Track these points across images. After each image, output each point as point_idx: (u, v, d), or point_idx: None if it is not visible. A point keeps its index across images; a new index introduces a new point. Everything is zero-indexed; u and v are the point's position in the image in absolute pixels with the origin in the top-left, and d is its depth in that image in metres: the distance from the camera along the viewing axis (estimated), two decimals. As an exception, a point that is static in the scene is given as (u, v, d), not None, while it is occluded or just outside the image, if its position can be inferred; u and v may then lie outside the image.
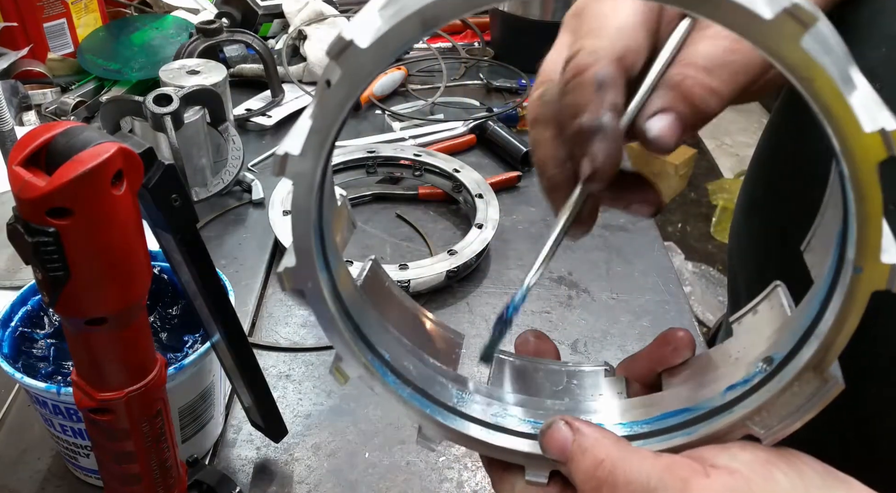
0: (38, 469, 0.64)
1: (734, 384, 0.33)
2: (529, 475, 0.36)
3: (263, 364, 0.69)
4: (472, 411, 0.37)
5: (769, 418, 0.32)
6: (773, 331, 0.33)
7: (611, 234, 0.95)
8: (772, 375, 0.32)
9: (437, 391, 0.37)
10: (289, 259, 0.31)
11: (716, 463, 0.31)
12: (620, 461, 0.32)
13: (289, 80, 1.19)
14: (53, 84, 1.14)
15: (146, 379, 0.45)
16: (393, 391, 0.35)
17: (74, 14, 1.20)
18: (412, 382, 0.36)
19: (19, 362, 0.58)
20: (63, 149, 0.36)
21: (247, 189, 0.98)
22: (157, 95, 0.84)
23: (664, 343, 0.39)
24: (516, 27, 1.26)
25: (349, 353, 0.34)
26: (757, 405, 0.32)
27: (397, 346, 0.37)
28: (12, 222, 0.36)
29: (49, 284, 0.37)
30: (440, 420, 0.36)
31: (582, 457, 0.32)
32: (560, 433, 0.34)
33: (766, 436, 0.32)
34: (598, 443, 0.33)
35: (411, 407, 0.36)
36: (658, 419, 0.36)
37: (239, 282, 0.83)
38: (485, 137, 1.10)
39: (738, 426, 0.33)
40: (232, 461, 0.66)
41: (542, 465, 0.35)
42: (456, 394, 0.37)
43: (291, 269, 0.31)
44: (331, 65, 0.26)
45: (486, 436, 0.36)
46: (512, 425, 0.37)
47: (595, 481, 0.32)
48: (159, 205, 0.43)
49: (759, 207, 0.61)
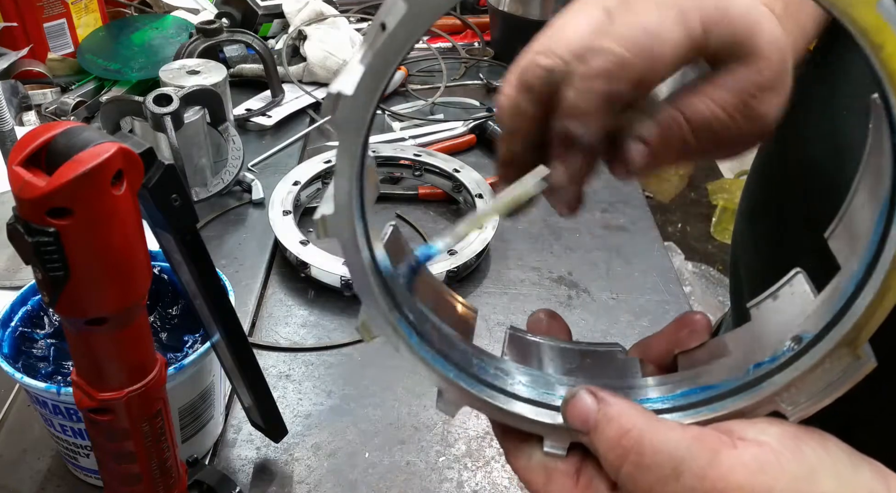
0: (38, 469, 0.64)
1: (761, 362, 0.33)
2: (548, 446, 0.35)
3: (263, 364, 0.69)
4: (493, 379, 0.36)
5: (797, 394, 0.32)
6: (798, 313, 0.34)
7: (610, 234, 0.95)
8: (801, 353, 0.32)
9: (459, 358, 0.36)
10: (327, 206, 0.30)
11: (744, 436, 0.31)
12: (648, 430, 0.31)
13: (289, 80, 1.19)
14: (53, 84, 1.14)
15: (146, 379, 0.44)
16: (417, 353, 0.34)
17: (74, 14, 1.20)
18: (435, 345, 0.35)
19: (19, 362, 0.58)
20: (63, 149, 0.36)
21: (247, 189, 0.98)
22: (157, 95, 0.84)
23: (681, 326, 0.38)
24: (516, 27, 1.27)
25: (377, 309, 0.33)
26: (786, 382, 0.32)
27: (419, 310, 0.36)
28: (12, 222, 0.36)
29: (49, 284, 0.37)
30: (463, 385, 0.35)
31: (607, 426, 0.32)
32: (584, 402, 0.33)
33: (793, 413, 0.32)
34: (625, 413, 0.32)
35: (435, 370, 0.35)
36: (680, 396, 0.35)
37: (239, 282, 0.83)
38: (485, 137, 1.10)
39: (765, 403, 0.33)
40: (232, 461, 0.66)
41: (562, 436, 0.35)
42: (476, 363, 0.36)
43: (330, 216, 0.30)
44: (391, 3, 0.25)
45: (507, 404, 0.35)
46: (532, 396, 0.36)
47: (620, 449, 0.31)
48: (159, 205, 0.42)
49: (760, 212, 0.61)
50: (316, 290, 0.84)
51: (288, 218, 0.87)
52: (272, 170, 1.02)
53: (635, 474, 0.31)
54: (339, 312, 0.82)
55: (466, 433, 0.69)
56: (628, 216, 0.98)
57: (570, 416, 0.33)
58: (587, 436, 0.33)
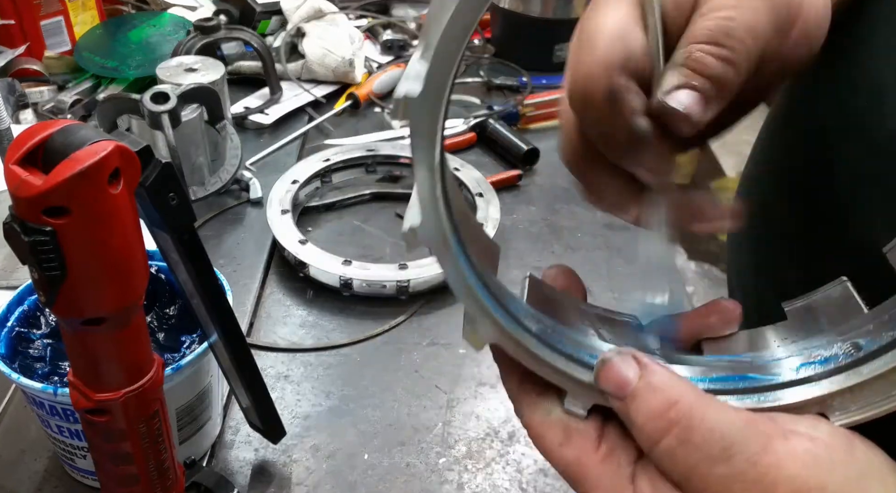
0: (35, 471, 0.63)
1: (811, 362, 0.33)
2: (569, 403, 0.33)
3: (261, 365, 0.68)
4: (526, 321, 0.34)
5: (850, 401, 0.31)
6: (844, 318, 0.33)
7: (612, 233, 0.94)
8: (861, 360, 0.31)
9: (495, 289, 0.34)
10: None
11: (795, 429, 0.30)
12: (699, 405, 0.30)
13: (287, 77, 1.19)
14: (50, 82, 1.13)
15: (143, 380, 0.44)
16: (462, 273, 0.32)
17: (71, 12, 1.19)
18: (476, 268, 0.33)
19: (16, 363, 0.57)
20: (60, 147, 0.35)
21: (245, 188, 0.98)
22: (155, 92, 0.84)
23: (710, 312, 0.37)
24: (517, 24, 1.26)
25: (435, 212, 0.30)
26: (843, 387, 0.31)
27: (461, 229, 0.34)
28: (9, 221, 0.36)
29: (46, 283, 0.37)
30: (499, 319, 0.33)
31: (651, 396, 0.30)
32: (623, 366, 0.31)
33: (840, 418, 0.31)
34: (672, 383, 0.30)
35: (474, 297, 0.32)
36: (717, 380, 0.34)
37: (237, 282, 0.83)
38: (485, 135, 1.09)
39: (814, 403, 0.32)
40: (230, 462, 0.65)
41: (585, 396, 0.33)
42: (508, 300, 0.34)
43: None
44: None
45: (538, 349, 0.33)
46: (562, 346, 0.34)
47: (665, 421, 0.30)
48: (156, 204, 0.42)
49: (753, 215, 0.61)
50: (315, 290, 0.84)
51: (286, 217, 0.87)
52: (270, 168, 1.01)
53: (678, 449, 0.29)
54: (337, 312, 0.81)
55: (467, 434, 0.69)
56: (629, 216, 0.98)
57: (604, 378, 0.32)
58: (620, 402, 0.31)
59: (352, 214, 0.96)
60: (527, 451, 0.67)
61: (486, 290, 0.33)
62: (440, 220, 0.30)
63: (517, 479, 0.65)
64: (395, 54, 1.31)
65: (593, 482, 0.32)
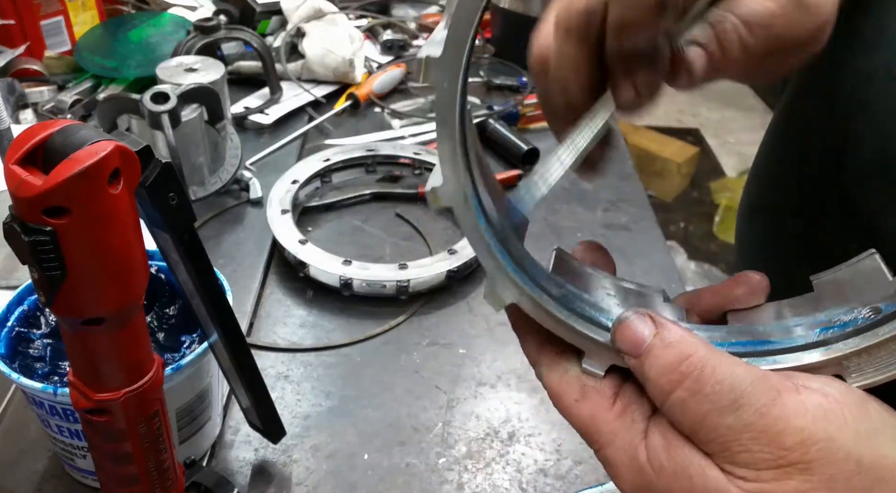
0: (35, 470, 0.63)
1: (830, 326, 0.33)
2: (587, 363, 0.34)
3: (261, 365, 0.68)
4: (546, 284, 0.34)
5: (867, 363, 0.31)
6: (870, 286, 0.33)
7: (613, 233, 0.94)
8: (879, 322, 0.31)
9: (516, 252, 0.34)
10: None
11: (808, 385, 0.30)
12: (711, 358, 0.30)
13: (287, 77, 1.19)
14: (50, 82, 1.13)
15: (143, 380, 0.44)
16: (482, 234, 0.32)
17: (71, 12, 1.19)
18: (497, 231, 0.33)
19: (16, 363, 0.57)
20: (60, 147, 0.35)
21: (245, 188, 0.98)
22: (155, 92, 0.84)
23: (737, 284, 0.37)
24: (517, 24, 1.26)
25: (453, 163, 0.31)
26: (860, 347, 0.31)
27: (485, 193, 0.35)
28: (9, 221, 0.36)
29: (46, 283, 0.37)
30: (519, 281, 0.33)
31: (664, 351, 0.31)
32: (639, 324, 0.32)
33: (857, 379, 0.31)
34: (686, 339, 0.31)
35: (493, 257, 0.33)
36: (737, 344, 0.34)
37: (237, 282, 0.83)
38: (485, 135, 1.09)
39: (831, 363, 0.32)
40: (230, 462, 0.65)
41: (603, 356, 0.34)
42: (529, 264, 0.35)
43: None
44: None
45: (557, 311, 0.34)
46: (581, 310, 0.34)
47: (676, 374, 0.30)
48: (156, 204, 0.42)
49: (761, 215, 0.61)
50: (315, 290, 0.84)
51: (286, 217, 0.87)
52: (270, 168, 1.01)
53: (689, 400, 0.30)
54: (338, 312, 0.81)
55: (467, 434, 0.69)
56: (630, 215, 0.98)
57: (620, 336, 0.32)
58: (636, 359, 0.32)
59: (352, 214, 0.96)
60: (527, 451, 0.67)
61: (506, 252, 0.33)
62: (459, 180, 0.31)
63: (517, 479, 0.65)
64: (395, 54, 1.31)
65: (607, 436, 0.33)
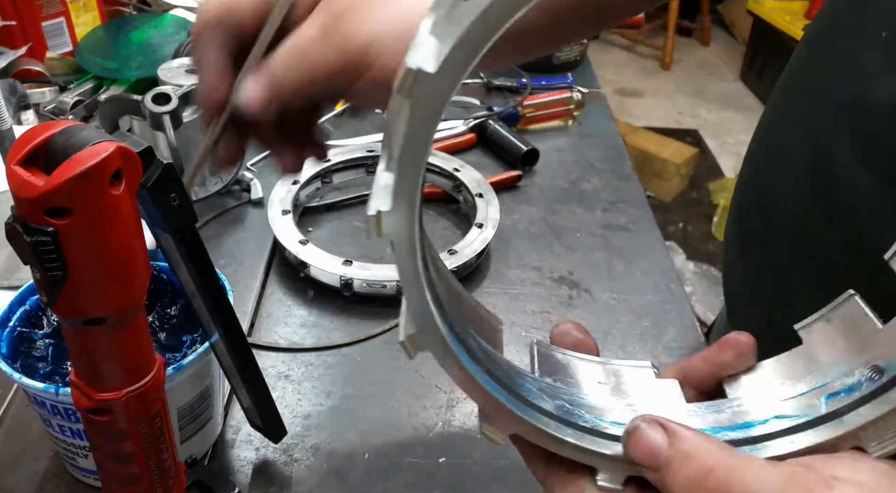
0: (37, 470, 0.64)
1: (836, 393, 0.31)
2: (602, 479, 0.32)
3: (262, 364, 0.68)
4: (540, 402, 0.33)
5: (883, 430, 0.30)
6: (859, 339, 0.32)
7: (612, 234, 0.94)
8: (886, 387, 0.30)
9: (504, 377, 0.32)
10: (382, 202, 0.26)
11: (836, 475, 0.29)
12: (735, 469, 0.29)
13: (288, 79, 1.19)
14: (52, 83, 1.14)
15: (145, 379, 0.44)
16: (470, 374, 0.30)
17: (73, 13, 1.20)
18: (482, 363, 0.31)
19: (18, 363, 0.57)
20: (61, 148, 0.35)
21: (246, 188, 0.98)
22: (156, 93, 0.84)
23: (725, 348, 0.36)
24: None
25: (428, 319, 0.29)
26: (874, 416, 0.30)
27: (458, 323, 0.32)
28: (11, 222, 0.36)
29: (47, 283, 0.37)
30: (514, 410, 0.31)
31: (685, 464, 0.29)
32: (651, 435, 0.30)
33: (877, 449, 0.30)
34: (703, 449, 0.29)
35: (485, 393, 0.31)
36: (744, 427, 0.33)
37: (238, 282, 0.83)
38: (485, 136, 1.09)
39: (849, 437, 0.30)
40: (231, 461, 0.65)
41: (618, 469, 0.32)
42: (519, 383, 0.33)
43: (386, 213, 0.26)
44: None
45: (559, 431, 0.32)
46: (582, 422, 0.33)
47: (703, 490, 0.29)
48: (158, 204, 0.42)
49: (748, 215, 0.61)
50: (315, 290, 0.84)
51: (287, 217, 0.87)
52: (271, 169, 1.01)
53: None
54: (338, 312, 0.82)
55: (467, 434, 0.69)
56: (629, 216, 0.98)
57: (633, 449, 0.31)
58: (655, 473, 0.30)
59: (352, 215, 0.97)
60: (527, 451, 0.67)
61: (495, 380, 0.32)
62: (436, 324, 0.29)
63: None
64: (395, 55, 1.31)
65: None
